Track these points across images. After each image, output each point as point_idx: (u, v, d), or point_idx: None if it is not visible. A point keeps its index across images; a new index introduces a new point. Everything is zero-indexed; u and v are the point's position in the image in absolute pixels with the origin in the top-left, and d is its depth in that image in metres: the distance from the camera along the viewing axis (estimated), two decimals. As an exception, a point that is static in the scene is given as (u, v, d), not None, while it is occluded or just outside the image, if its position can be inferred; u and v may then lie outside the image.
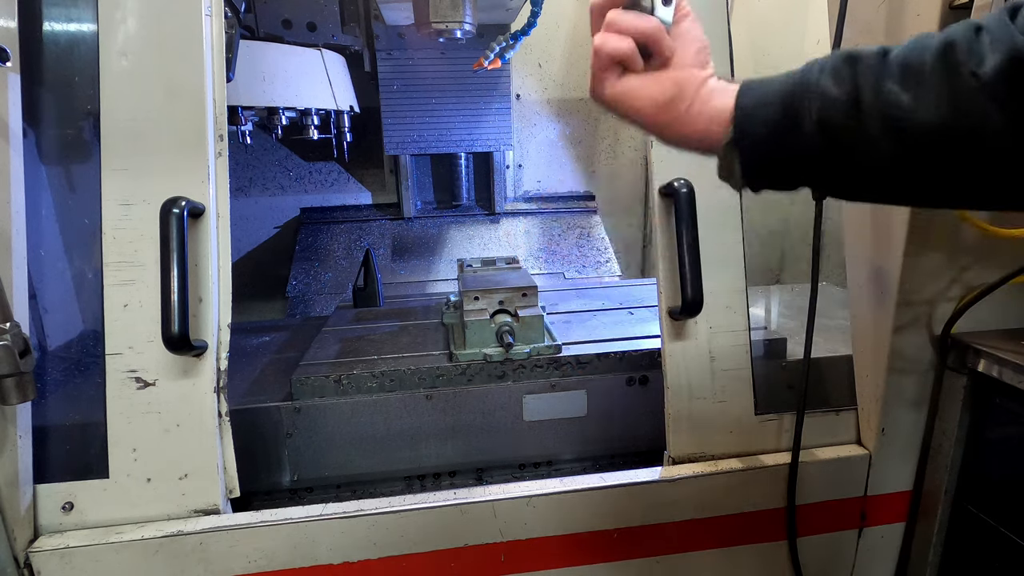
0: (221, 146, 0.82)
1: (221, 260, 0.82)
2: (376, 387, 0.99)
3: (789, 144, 0.51)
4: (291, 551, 0.82)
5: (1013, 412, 0.87)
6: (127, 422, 0.79)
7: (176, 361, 0.79)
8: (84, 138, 0.96)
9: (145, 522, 0.80)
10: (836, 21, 0.84)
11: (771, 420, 0.95)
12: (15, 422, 0.75)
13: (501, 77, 1.66)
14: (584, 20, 1.88)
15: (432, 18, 1.13)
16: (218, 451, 0.81)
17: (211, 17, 0.80)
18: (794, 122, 0.50)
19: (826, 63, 0.51)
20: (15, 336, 0.68)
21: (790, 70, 0.53)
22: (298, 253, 1.75)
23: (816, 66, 0.51)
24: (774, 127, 0.52)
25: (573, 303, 1.37)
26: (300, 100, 1.34)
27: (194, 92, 0.80)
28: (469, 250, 1.81)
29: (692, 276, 0.87)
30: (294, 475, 0.98)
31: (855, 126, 0.48)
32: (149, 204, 0.79)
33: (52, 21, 0.91)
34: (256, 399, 0.98)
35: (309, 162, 1.85)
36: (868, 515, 0.99)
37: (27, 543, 0.77)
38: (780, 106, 0.51)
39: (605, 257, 1.83)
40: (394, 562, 0.85)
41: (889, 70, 0.48)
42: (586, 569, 0.92)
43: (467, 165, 1.85)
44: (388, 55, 1.58)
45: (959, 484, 0.95)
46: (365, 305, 1.38)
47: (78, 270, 1.00)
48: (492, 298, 1.04)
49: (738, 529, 0.95)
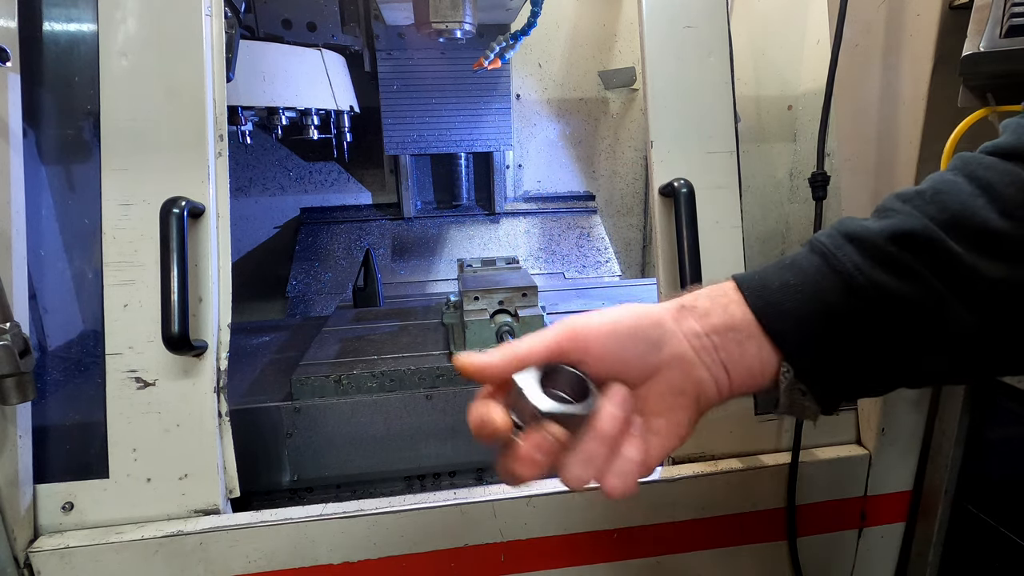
0: (221, 146, 0.82)
1: (221, 260, 0.82)
2: (376, 387, 0.99)
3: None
4: (291, 551, 0.82)
5: (1013, 412, 0.87)
6: (127, 422, 0.79)
7: (176, 361, 0.79)
8: (84, 138, 0.96)
9: (145, 522, 0.80)
10: (836, 21, 0.84)
11: (771, 420, 0.95)
12: (15, 422, 0.75)
13: (501, 77, 1.66)
14: (584, 20, 1.88)
15: (432, 18, 1.13)
16: (218, 451, 0.81)
17: (211, 17, 0.80)
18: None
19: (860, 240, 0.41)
20: (15, 336, 0.68)
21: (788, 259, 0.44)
22: (298, 253, 1.75)
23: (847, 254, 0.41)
24: (842, 335, 0.41)
25: (573, 303, 1.37)
26: (300, 100, 1.34)
27: (194, 92, 0.80)
28: (469, 250, 1.81)
29: (692, 276, 0.87)
30: (294, 475, 0.98)
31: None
32: (149, 204, 0.79)
33: (52, 21, 0.91)
34: (256, 399, 0.98)
35: (309, 162, 1.85)
36: (868, 515, 0.99)
37: (27, 543, 0.77)
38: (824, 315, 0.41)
39: (605, 257, 1.83)
40: (394, 562, 0.85)
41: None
42: (586, 569, 0.92)
43: (467, 165, 1.85)
44: (388, 55, 1.58)
45: (959, 484, 0.95)
46: (365, 305, 1.38)
47: (78, 270, 1.00)
48: (492, 298, 1.04)
49: (738, 529, 0.95)
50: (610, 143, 1.97)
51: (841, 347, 0.41)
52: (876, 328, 0.40)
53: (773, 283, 0.42)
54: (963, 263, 0.39)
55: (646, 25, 0.91)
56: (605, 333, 0.41)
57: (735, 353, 0.42)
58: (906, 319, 0.39)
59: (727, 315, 0.43)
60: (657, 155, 0.91)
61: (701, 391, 0.43)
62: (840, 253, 0.41)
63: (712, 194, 0.91)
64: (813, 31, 1.61)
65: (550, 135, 1.94)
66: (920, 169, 0.83)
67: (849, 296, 0.40)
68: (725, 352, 0.42)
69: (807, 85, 1.66)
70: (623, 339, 0.41)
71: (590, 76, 1.89)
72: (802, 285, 0.41)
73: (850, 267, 0.40)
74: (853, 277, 0.40)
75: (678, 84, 0.92)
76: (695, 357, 0.42)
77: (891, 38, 0.85)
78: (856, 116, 0.94)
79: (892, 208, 0.43)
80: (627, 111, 1.94)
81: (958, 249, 0.39)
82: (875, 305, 0.39)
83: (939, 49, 0.78)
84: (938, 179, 0.43)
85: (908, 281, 0.39)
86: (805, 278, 0.41)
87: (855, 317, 0.40)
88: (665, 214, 0.91)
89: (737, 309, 0.43)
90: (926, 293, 0.39)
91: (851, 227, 0.42)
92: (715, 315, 0.43)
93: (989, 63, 0.65)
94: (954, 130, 0.70)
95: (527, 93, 1.88)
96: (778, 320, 0.41)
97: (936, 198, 0.41)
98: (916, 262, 0.39)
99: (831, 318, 0.40)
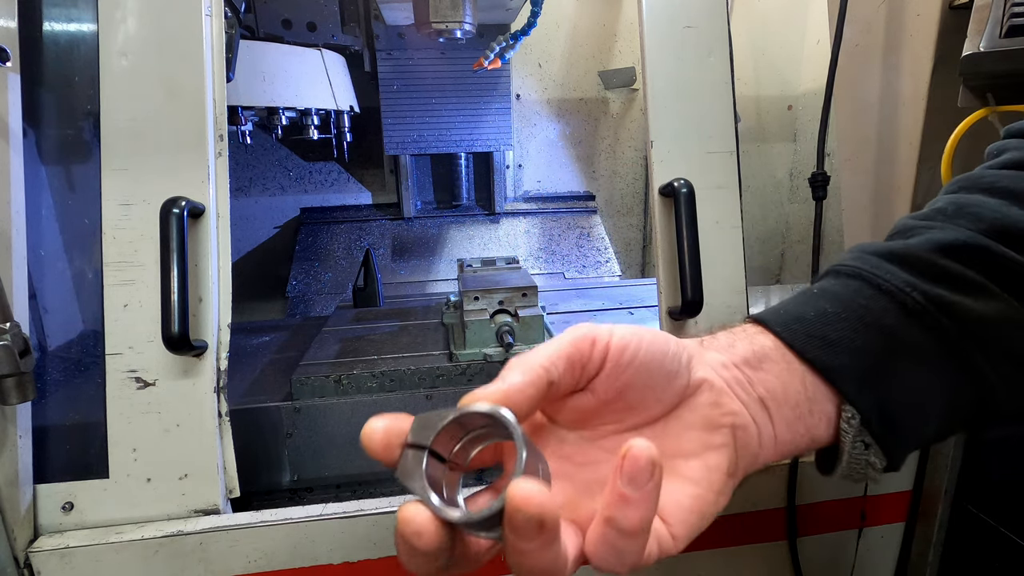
0: (221, 146, 0.82)
1: (221, 260, 0.82)
2: (376, 387, 0.99)
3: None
4: (291, 551, 0.82)
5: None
6: (127, 422, 0.79)
7: (176, 361, 0.79)
8: (84, 138, 0.96)
9: (145, 522, 0.80)
10: (836, 21, 0.84)
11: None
12: (15, 422, 0.75)
13: (501, 77, 1.66)
14: (584, 20, 1.88)
15: (432, 18, 1.13)
16: (218, 451, 0.81)
17: (211, 17, 0.80)
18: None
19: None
20: (15, 336, 0.68)
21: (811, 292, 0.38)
22: (298, 253, 1.75)
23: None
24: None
25: (573, 303, 1.37)
26: (300, 100, 1.34)
27: (194, 92, 0.80)
28: (469, 250, 1.81)
29: (692, 276, 0.87)
30: (294, 475, 0.98)
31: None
32: (149, 204, 0.79)
33: (52, 21, 0.91)
34: (256, 399, 0.98)
35: (309, 162, 1.85)
36: (868, 515, 0.99)
37: (27, 543, 0.77)
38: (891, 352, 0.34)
39: (605, 257, 1.83)
40: (394, 562, 0.85)
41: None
42: (586, 569, 0.92)
43: (467, 165, 1.85)
44: (388, 55, 1.58)
45: (959, 484, 0.95)
46: (365, 305, 1.38)
47: (78, 270, 1.00)
48: (492, 298, 1.04)
49: (738, 529, 0.95)
50: (610, 143, 1.97)
51: (910, 380, 0.34)
52: (946, 351, 0.34)
53: (806, 314, 0.36)
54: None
55: (646, 25, 0.91)
56: (630, 334, 0.33)
57: (775, 387, 0.35)
58: (978, 337, 0.34)
59: (755, 345, 0.36)
60: (657, 155, 0.91)
61: (738, 430, 0.34)
62: (881, 272, 0.35)
63: (712, 194, 0.91)
64: (813, 31, 1.61)
65: (550, 135, 1.94)
66: (920, 169, 0.83)
67: (908, 318, 0.34)
68: (763, 387, 0.35)
69: (807, 85, 1.67)
70: (651, 350, 0.33)
71: (590, 76, 1.89)
72: (845, 312, 0.35)
73: (901, 284, 0.35)
74: (907, 295, 0.34)
75: (678, 84, 0.92)
76: (725, 386, 0.34)
77: (891, 38, 0.85)
78: (856, 116, 0.94)
79: (916, 227, 0.38)
80: (627, 111, 1.94)
81: (1014, 255, 0.35)
82: (937, 324, 0.34)
83: (939, 49, 0.78)
84: (951, 199, 0.39)
85: (971, 294, 0.34)
86: (847, 305, 0.35)
87: (918, 341, 0.34)
88: (665, 214, 0.91)
89: (766, 339, 0.36)
90: (993, 303, 0.34)
91: (880, 248, 0.37)
92: (741, 346, 0.36)
93: (989, 63, 0.65)
94: (954, 130, 0.70)
95: (527, 93, 1.88)
96: (828, 352, 0.34)
97: (963, 212, 0.37)
98: (974, 273, 0.35)
99: (892, 344, 0.34)
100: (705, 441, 0.34)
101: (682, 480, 0.33)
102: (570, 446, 0.35)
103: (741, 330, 0.37)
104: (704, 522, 0.33)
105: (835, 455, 0.36)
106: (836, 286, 0.36)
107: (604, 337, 0.32)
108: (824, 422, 0.35)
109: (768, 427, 0.34)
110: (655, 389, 0.33)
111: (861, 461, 0.35)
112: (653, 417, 0.34)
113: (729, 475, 0.34)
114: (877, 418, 0.34)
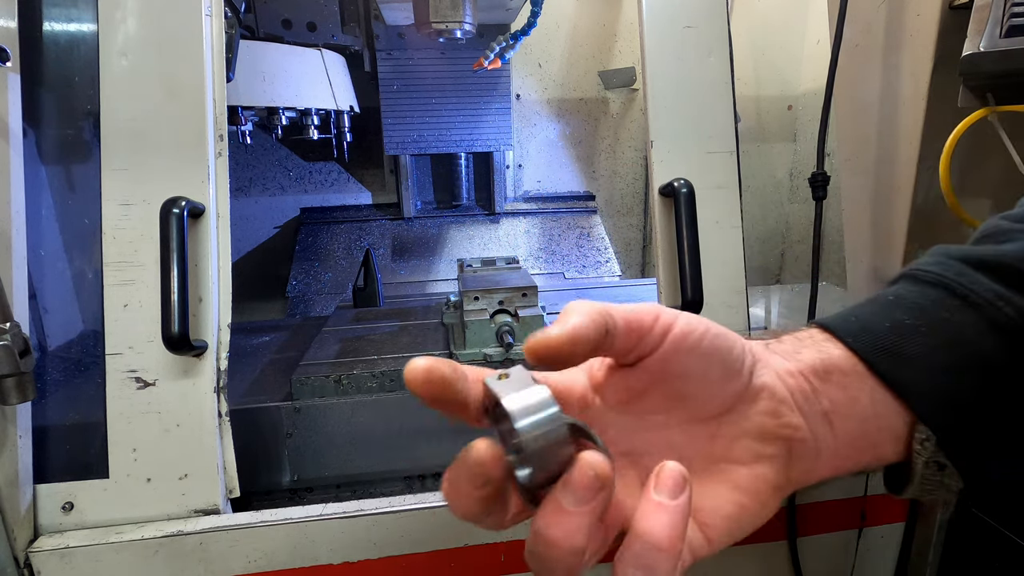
0: (221, 146, 0.82)
1: (221, 260, 0.82)
2: (376, 387, 0.99)
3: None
4: (291, 551, 0.82)
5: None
6: (127, 422, 0.79)
7: (176, 361, 0.79)
8: (84, 138, 0.96)
9: (145, 522, 0.80)
10: (836, 21, 0.84)
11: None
12: (15, 422, 0.75)
13: (501, 77, 1.66)
14: (584, 20, 1.88)
15: (432, 18, 1.13)
16: (218, 451, 0.81)
17: (211, 17, 0.80)
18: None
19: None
20: (15, 336, 0.68)
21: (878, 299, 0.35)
22: (298, 253, 1.75)
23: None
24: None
25: (573, 303, 1.37)
26: (300, 100, 1.34)
27: (194, 92, 0.80)
28: (469, 250, 1.81)
29: (692, 276, 0.87)
30: (294, 475, 0.98)
31: None
32: (149, 204, 0.79)
33: (52, 21, 0.91)
34: (256, 399, 0.98)
35: (309, 162, 1.85)
36: (868, 515, 0.99)
37: (27, 543, 0.77)
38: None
39: (605, 257, 1.83)
40: (394, 562, 0.85)
41: None
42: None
43: (467, 165, 1.85)
44: (388, 55, 1.58)
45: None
46: (365, 305, 1.38)
47: (78, 270, 1.00)
48: (492, 298, 1.04)
49: (738, 529, 0.95)
50: (610, 143, 1.97)
51: (995, 400, 0.32)
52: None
53: (879, 324, 0.33)
54: None
55: (646, 25, 0.91)
56: (697, 321, 0.31)
57: (841, 400, 0.32)
58: None
59: (823, 353, 0.33)
60: (657, 155, 0.91)
61: (795, 443, 0.32)
62: (968, 282, 0.33)
63: (712, 194, 0.91)
64: (813, 31, 1.62)
65: (550, 135, 1.94)
66: (920, 169, 0.83)
67: (996, 335, 0.31)
68: (828, 400, 0.32)
69: (807, 85, 1.67)
70: (716, 343, 0.31)
71: (590, 76, 1.89)
72: (925, 325, 0.32)
73: (990, 297, 0.32)
74: (998, 309, 0.32)
75: (678, 84, 0.92)
76: (788, 395, 0.32)
77: (891, 38, 0.85)
78: (856, 116, 0.94)
79: (1011, 230, 0.35)
80: (627, 111, 1.94)
81: None
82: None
83: (939, 49, 0.78)
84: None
85: None
86: (926, 316, 0.32)
87: (1005, 361, 0.31)
88: (665, 214, 0.91)
89: (834, 348, 0.33)
90: None
91: (967, 253, 0.34)
92: (807, 353, 0.33)
93: (989, 63, 0.66)
94: (954, 130, 0.70)
95: (527, 93, 1.88)
96: (902, 368, 0.32)
97: None
98: None
99: (975, 362, 0.31)
100: (757, 451, 0.32)
101: (728, 486, 0.32)
102: (614, 430, 0.33)
103: (808, 336, 0.35)
104: (743, 533, 0.32)
105: (905, 475, 0.34)
106: (915, 294, 0.34)
107: (670, 317, 0.31)
108: (892, 440, 0.33)
109: (828, 441, 0.32)
110: (711, 384, 0.31)
111: (932, 482, 0.34)
112: (704, 415, 0.32)
113: (777, 488, 0.32)
114: (954, 442, 0.32)
